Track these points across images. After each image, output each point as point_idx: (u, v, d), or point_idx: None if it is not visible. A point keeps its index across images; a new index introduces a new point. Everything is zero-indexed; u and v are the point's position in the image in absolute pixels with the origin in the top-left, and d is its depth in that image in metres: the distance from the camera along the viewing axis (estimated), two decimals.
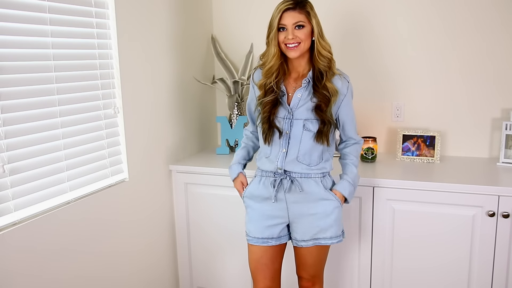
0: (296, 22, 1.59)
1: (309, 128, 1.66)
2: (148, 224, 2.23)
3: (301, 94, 1.67)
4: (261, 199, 1.74)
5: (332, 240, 1.71)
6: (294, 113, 1.66)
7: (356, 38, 2.44)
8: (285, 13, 1.59)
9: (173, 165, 2.36)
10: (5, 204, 1.53)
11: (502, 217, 1.85)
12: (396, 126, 2.46)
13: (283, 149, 1.68)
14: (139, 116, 2.12)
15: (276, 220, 1.73)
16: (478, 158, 2.32)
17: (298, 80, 1.70)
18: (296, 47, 1.61)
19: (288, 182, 1.68)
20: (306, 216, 1.70)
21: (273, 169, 1.70)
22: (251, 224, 1.76)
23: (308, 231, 1.71)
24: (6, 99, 1.51)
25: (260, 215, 1.74)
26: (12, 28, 1.53)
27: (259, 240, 1.74)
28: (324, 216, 1.69)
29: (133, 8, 2.04)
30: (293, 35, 1.59)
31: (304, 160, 1.68)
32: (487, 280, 1.92)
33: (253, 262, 1.78)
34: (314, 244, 1.72)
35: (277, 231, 1.74)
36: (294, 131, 1.67)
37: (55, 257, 1.69)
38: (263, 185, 1.74)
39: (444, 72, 2.33)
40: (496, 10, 2.20)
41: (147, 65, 2.15)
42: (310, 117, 1.66)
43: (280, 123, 1.67)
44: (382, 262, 2.06)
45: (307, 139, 1.67)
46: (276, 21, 1.60)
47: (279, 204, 1.71)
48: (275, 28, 1.60)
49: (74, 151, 1.80)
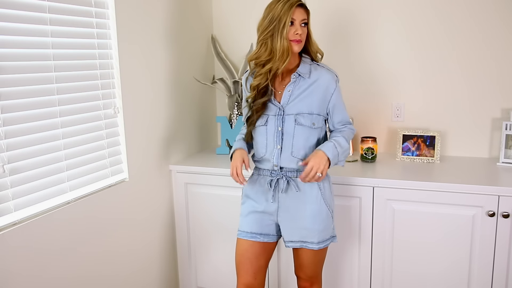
0: (304, 18, 1.63)
1: (301, 122, 1.67)
2: (148, 224, 2.23)
3: (291, 89, 1.68)
4: (256, 196, 1.75)
5: (319, 245, 1.71)
6: (285, 109, 1.67)
7: (356, 38, 2.44)
8: (297, 9, 1.60)
9: (173, 165, 2.36)
10: (5, 204, 1.53)
11: (502, 217, 1.85)
12: (396, 126, 2.46)
13: (278, 146, 1.69)
14: (139, 116, 2.12)
15: (266, 217, 1.74)
16: (478, 158, 2.32)
17: (286, 77, 1.71)
18: (300, 42, 1.63)
19: (284, 183, 1.69)
20: (295, 218, 1.70)
21: (270, 167, 1.71)
22: (241, 218, 1.79)
23: (296, 233, 1.71)
24: (6, 99, 1.51)
25: (250, 211, 1.76)
26: (12, 28, 1.53)
27: (247, 234, 1.75)
28: (313, 220, 1.69)
29: (133, 8, 2.04)
30: (301, 30, 1.62)
31: (299, 155, 1.69)
32: (487, 280, 1.92)
33: (238, 256, 1.78)
34: (301, 247, 1.72)
35: (266, 228, 1.74)
36: (287, 127, 1.68)
37: (55, 257, 1.70)
38: (259, 183, 1.75)
39: (444, 72, 2.33)
40: (496, 10, 2.19)
41: (147, 65, 2.15)
42: (302, 112, 1.67)
43: (272, 120, 1.68)
44: (382, 262, 2.06)
45: (300, 133, 1.68)
46: (288, 15, 1.58)
47: (270, 203, 1.72)
48: (286, 22, 1.58)
49: (74, 151, 1.80)
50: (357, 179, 2.03)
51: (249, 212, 1.76)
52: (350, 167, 2.22)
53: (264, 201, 1.73)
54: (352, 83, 2.49)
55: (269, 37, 1.62)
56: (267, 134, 1.71)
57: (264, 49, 1.64)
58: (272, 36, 1.61)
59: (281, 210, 1.72)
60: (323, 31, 2.48)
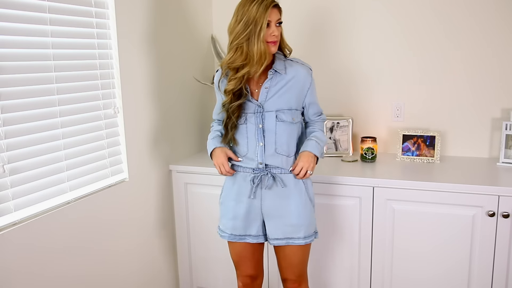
0: (279, 19, 1.62)
1: (282, 118, 1.67)
2: (148, 224, 2.23)
3: (268, 86, 1.67)
4: (236, 197, 1.74)
5: (305, 240, 1.71)
6: (264, 106, 1.66)
7: (356, 38, 2.44)
8: (272, 10, 1.59)
9: (173, 165, 2.36)
10: (5, 204, 1.53)
11: (502, 217, 1.85)
12: (396, 126, 2.46)
13: (260, 143, 1.68)
14: (139, 116, 2.12)
15: (251, 217, 1.73)
16: (478, 158, 2.32)
17: (262, 76, 1.68)
18: (277, 43, 1.63)
19: (269, 179, 1.68)
20: (279, 215, 1.70)
21: (254, 166, 1.70)
22: (226, 220, 1.77)
23: (281, 229, 1.71)
24: (6, 99, 1.51)
25: (235, 214, 1.74)
26: (12, 28, 1.53)
27: (236, 237, 1.76)
28: (298, 215, 1.69)
29: (133, 8, 2.04)
30: (278, 31, 1.61)
31: (283, 151, 1.69)
32: (487, 280, 1.92)
33: (235, 256, 1.81)
34: (287, 244, 1.71)
35: (254, 229, 1.74)
36: (268, 124, 1.67)
37: (55, 256, 1.70)
38: (238, 184, 1.73)
39: (444, 72, 2.33)
40: (496, 10, 2.19)
41: (147, 64, 2.15)
42: (282, 108, 1.67)
43: (252, 118, 1.67)
44: (382, 262, 2.06)
45: (282, 129, 1.68)
46: (265, 18, 1.55)
47: (253, 201, 1.71)
48: (263, 25, 1.55)
49: (74, 151, 1.80)
50: (357, 179, 2.03)
51: (233, 215, 1.74)
52: (350, 167, 2.22)
53: (245, 201, 1.72)
54: (352, 83, 2.49)
55: (245, 41, 1.58)
56: (247, 132, 1.69)
57: (240, 53, 1.60)
58: (249, 40, 1.57)
59: (264, 207, 1.71)
60: (322, 30, 2.48)
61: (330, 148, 2.47)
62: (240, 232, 1.75)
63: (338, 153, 2.46)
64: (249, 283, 1.86)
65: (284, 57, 1.72)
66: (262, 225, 1.76)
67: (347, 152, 2.46)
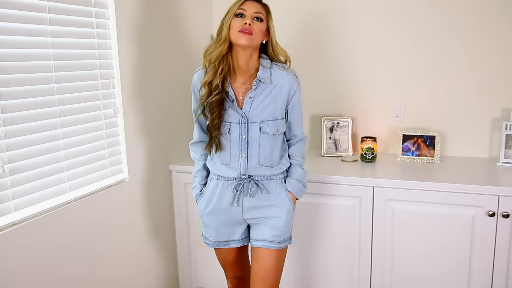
0: (257, 12, 1.56)
1: (265, 130, 1.62)
2: (148, 224, 2.23)
3: (252, 96, 1.62)
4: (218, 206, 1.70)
5: (281, 245, 1.68)
6: (249, 117, 1.62)
7: (356, 38, 2.44)
8: (248, 1, 1.57)
9: (173, 165, 2.36)
10: (5, 204, 1.53)
11: (502, 217, 1.85)
12: (396, 126, 2.46)
13: (243, 154, 1.64)
14: (139, 116, 2.12)
15: (234, 224, 1.72)
16: (478, 158, 2.32)
17: (246, 82, 1.64)
18: (249, 35, 1.54)
19: (253, 186, 1.65)
20: (262, 220, 1.69)
21: (236, 175, 1.66)
22: (209, 229, 1.75)
23: (261, 233, 1.69)
24: (6, 99, 1.51)
25: (218, 224, 1.72)
26: (12, 28, 1.53)
27: (220, 244, 1.76)
28: (277, 221, 1.67)
29: (133, 8, 2.04)
30: (252, 22, 1.54)
31: (266, 163, 1.65)
32: (487, 280, 1.92)
33: (221, 260, 1.83)
34: (263, 246, 1.67)
35: (238, 235, 1.75)
36: (252, 135, 1.63)
37: (55, 257, 1.70)
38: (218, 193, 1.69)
39: (445, 72, 2.33)
40: (497, 10, 2.19)
41: (146, 64, 2.15)
42: (266, 119, 1.62)
43: (235, 128, 1.63)
44: (382, 262, 2.06)
45: (266, 142, 1.64)
46: (236, 6, 1.55)
47: (236, 208, 1.69)
48: (231, 11, 1.56)
49: (74, 151, 1.80)
50: (357, 179, 2.03)
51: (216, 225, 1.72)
52: (350, 167, 2.22)
53: (226, 210, 1.70)
54: (352, 83, 2.49)
55: (220, 29, 1.60)
56: (230, 142, 1.64)
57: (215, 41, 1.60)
58: (222, 26, 1.58)
59: (247, 214, 1.69)
60: (322, 30, 2.48)
61: (330, 148, 2.47)
62: (224, 238, 1.74)
63: (338, 153, 2.46)
64: (238, 284, 1.88)
65: (271, 62, 1.66)
66: (246, 228, 1.76)
67: (347, 152, 2.46)
